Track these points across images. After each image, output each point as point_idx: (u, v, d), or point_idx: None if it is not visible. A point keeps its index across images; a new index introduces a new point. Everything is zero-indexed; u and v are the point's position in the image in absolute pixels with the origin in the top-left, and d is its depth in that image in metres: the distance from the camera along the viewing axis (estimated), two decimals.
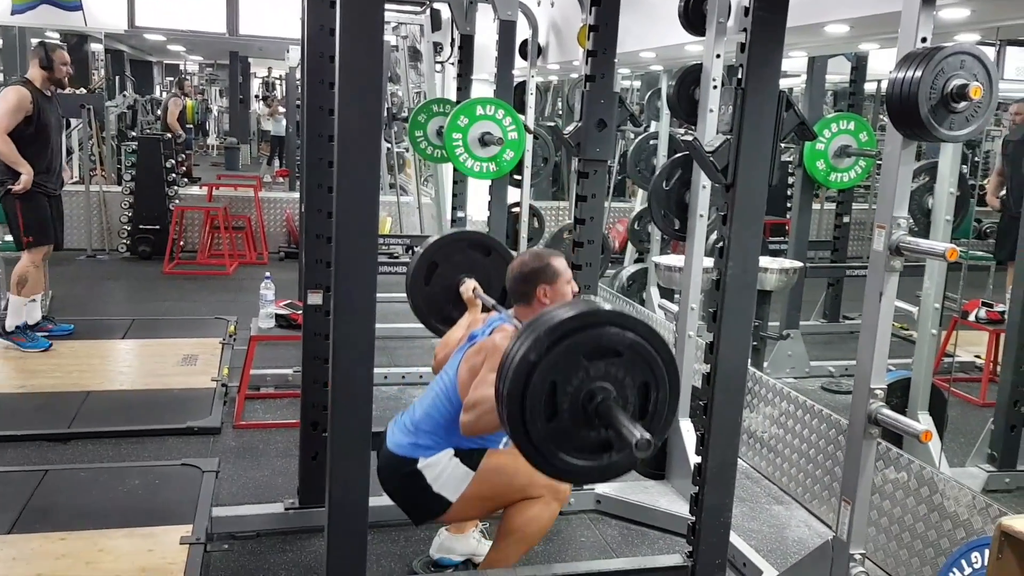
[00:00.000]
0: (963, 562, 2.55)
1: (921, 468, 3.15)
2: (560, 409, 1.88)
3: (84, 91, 10.54)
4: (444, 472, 2.74)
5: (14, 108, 5.21)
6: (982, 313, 5.20)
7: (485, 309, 3.22)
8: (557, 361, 1.87)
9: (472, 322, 3.15)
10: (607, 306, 1.98)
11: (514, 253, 3.39)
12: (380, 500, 3.43)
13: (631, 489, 3.69)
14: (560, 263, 2.90)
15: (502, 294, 3.19)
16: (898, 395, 3.86)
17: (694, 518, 2.64)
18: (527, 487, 2.72)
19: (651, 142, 6.16)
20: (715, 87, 3.54)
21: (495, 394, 1.94)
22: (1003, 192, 6.38)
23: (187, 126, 14.37)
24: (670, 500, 3.61)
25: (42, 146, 5.38)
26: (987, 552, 2.07)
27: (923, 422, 3.78)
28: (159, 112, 13.01)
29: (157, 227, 8.58)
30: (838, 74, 6.57)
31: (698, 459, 2.62)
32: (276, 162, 15.62)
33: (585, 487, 3.62)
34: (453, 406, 2.74)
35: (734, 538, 3.21)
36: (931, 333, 3.87)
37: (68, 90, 8.79)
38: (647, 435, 1.77)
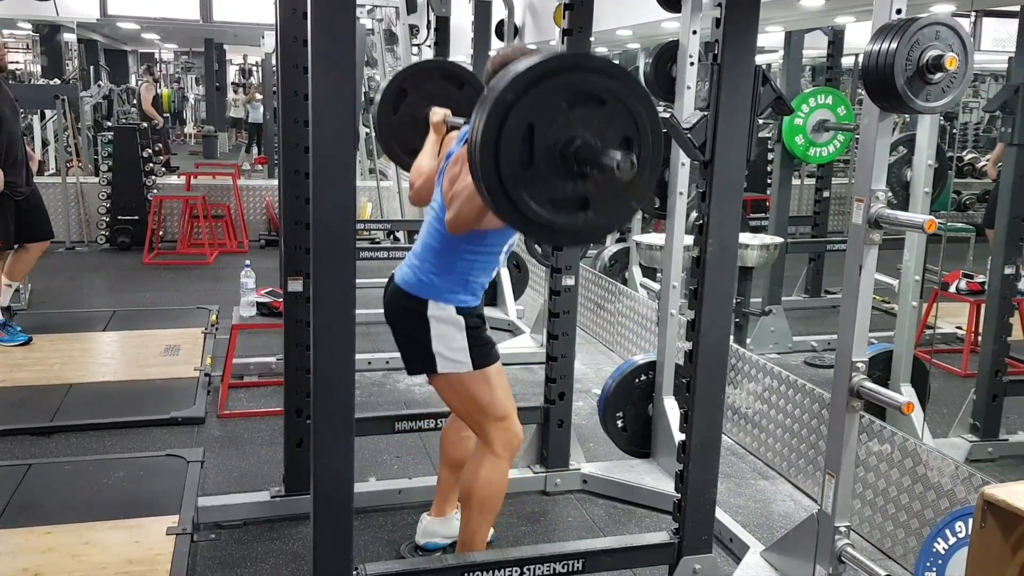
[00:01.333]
0: (947, 532, 2.58)
1: (904, 440, 3.17)
2: (536, 155, 1.79)
3: (58, 82, 10.44)
4: (446, 335, 2.70)
5: None
6: (962, 284, 5.23)
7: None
8: (536, 102, 1.76)
9: (446, 141, 3.02)
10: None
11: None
12: (365, 486, 3.44)
13: (617, 468, 3.71)
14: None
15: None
16: (880, 368, 3.88)
17: (680, 495, 2.65)
18: (487, 408, 2.73)
19: None
20: (692, 64, 3.53)
21: (467, 147, 1.83)
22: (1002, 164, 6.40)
23: (164, 114, 14.26)
24: (656, 478, 3.63)
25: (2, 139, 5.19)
26: (971, 521, 2.08)
27: (905, 394, 3.81)
28: (135, 101, 12.89)
29: (136, 217, 8.51)
30: (815, 49, 6.56)
31: (682, 436, 2.63)
32: (255, 150, 15.51)
33: (570, 466, 3.63)
34: (445, 227, 2.69)
35: (720, 514, 3.23)
36: (912, 305, 3.89)
37: (41, 80, 8.71)
38: (630, 156, 1.69)
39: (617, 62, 1.90)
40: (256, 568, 3.04)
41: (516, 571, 2.54)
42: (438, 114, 3.08)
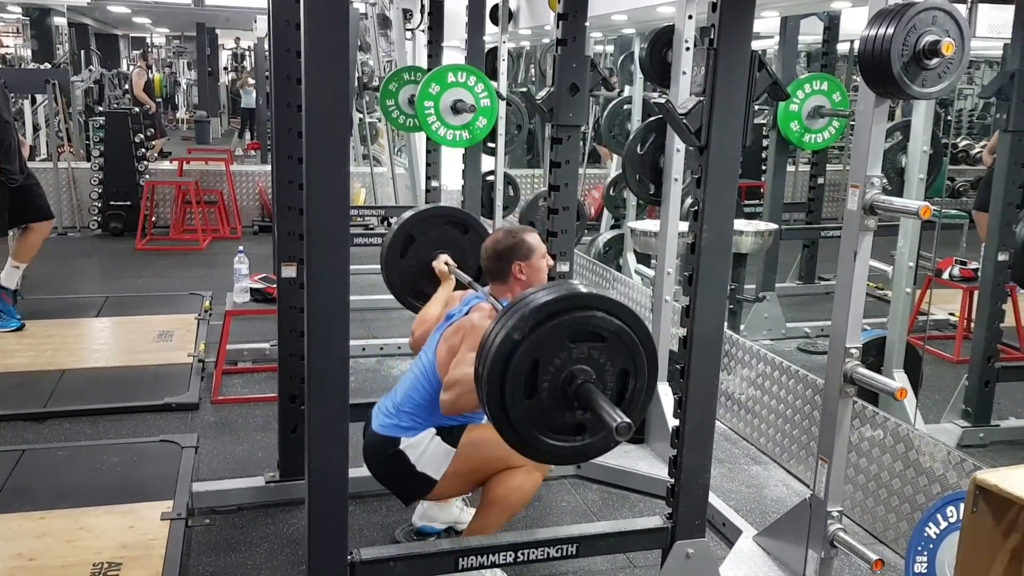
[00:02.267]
0: (939, 516, 2.59)
1: (897, 425, 3.18)
2: (539, 389, 1.90)
3: (48, 66, 10.37)
4: (426, 451, 2.74)
5: None
6: (956, 271, 5.24)
7: (460, 286, 3.21)
8: (541, 340, 1.88)
9: (449, 300, 3.14)
10: (590, 290, 1.98)
11: (490, 230, 3.36)
12: (360, 471, 3.43)
13: (611, 453, 3.69)
14: (533, 238, 2.90)
15: (477, 271, 3.17)
16: (873, 354, 3.89)
17: (673, 480, 2.65)
18: (508, 458, 2.73)
19: (625, 107, 6.13)
20: (687, 48, 3.52)
21: (475, 373, 1.94)
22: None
23: (156, 99, 14.17)
24: (649, 463, 3.64)
25: None
26: (962, 506, 2.09)
27: (898, 380, 3.82)
28: (126, 86, 12.81)
29: (128, 203, 8.46)
30: (811, 35, 6.55)
31: (676, 422, 2.63)
32: (247, 135, 15.45)
33: None
34: (432, 387, 2.74)
35: (713, 499, 3.24)
36: (906, 292, 3.90)
37: (32, 65, 8.65)
38: (626, 419, 1.79)
39: (611, 303, 2.01)
40: (251, 553, 3.05)
41: (510, 555, 2.54)
42: (441, 263, 3.28)
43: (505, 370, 1.87)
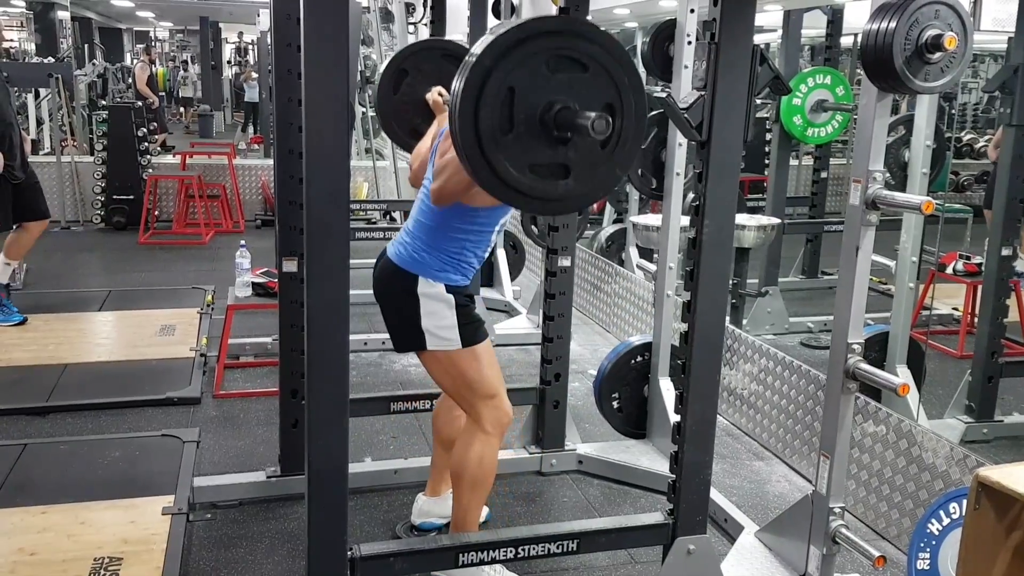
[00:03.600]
0: (941, 513, 2.58)
1: (899, 421, 3.17)
2: (517, 121, 1.77)
3: (52, 60, 10.38)
4: (435, 312, 2.70)
5: None
6: (959, 265, 5.23)
7: None
8: (516, 65, 1.74)
9: (439, 121, 3.03)
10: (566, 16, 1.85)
11: None
12: (362, 467, 3.44)
13: (612, 449, 3.71)
14: None
15: None
16: (876, 349, 3.88)
17: (675, 476, 2.64)
18: (476, 386, 2.73)
19: None
20: (689, 43, 3.50)
21: (449, 118, 1.82)
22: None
23: (159, 93, 14.16)
24: (651, 459, 3.63)
25: None
26: (965, 503, 2.09)
27: (901, 375, 3.81)
28: (130, 80, 12.82)
29: (131, 197, 8.47)
30: (814, 28, 6.53)
31: (678, 418, 2.63)
32: (251, 129, 15.45)
33: (566, 447, 3.64)
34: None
35: (715, 494, 3.23)
36: (909, 286, 3.89)
37: (35, 59, 8.64)
38: (604, 116, 1.69)
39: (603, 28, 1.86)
40: (251, 547, 3.04)
41: (511, 551, 2.54)
42: (435, 93, 3.09)
43: (479, 100, 1.72)
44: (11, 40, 13.45)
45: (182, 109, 19.36)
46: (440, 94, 3.08)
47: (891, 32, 2.20)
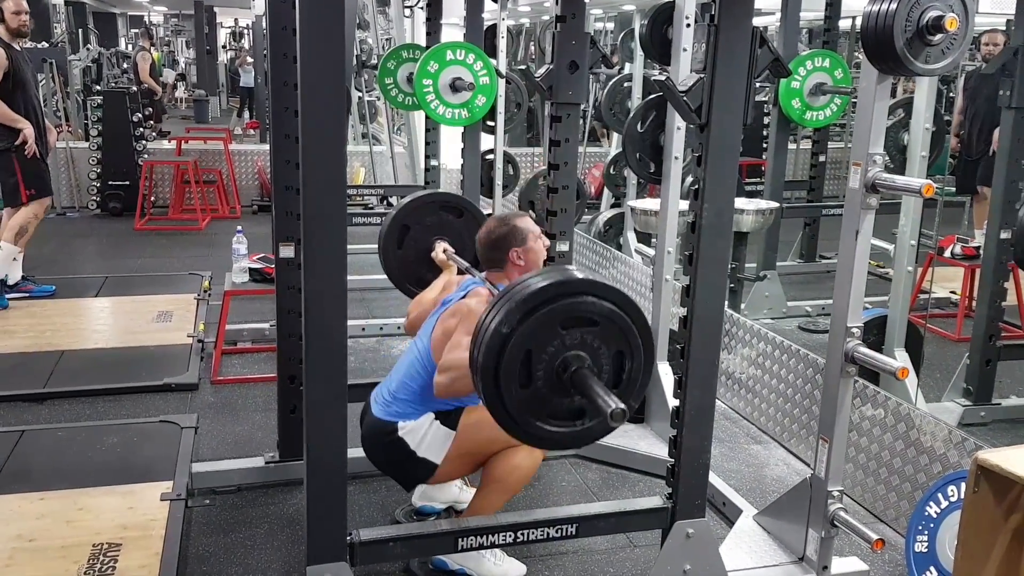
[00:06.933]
0: (940, 495, 2.59)
1: (898, 404, 3.17)
2: (534, 377, 1.90)
3: (45, 45, 10.32)
4: (426, 436, 2.72)
5: None
6: (957, 249, 5.23)
7: (459, 272, 3.19)
8: (532, 330, 1.87)
9: (446, 284, 3.12)
10: (579, 274, 1.97)
11: (490, 209, 3.34)
12: (360, 451, 3.43)
13: (611, 433, 3.70)
14: (526, 223, 2.89)
15: (475, 256, 3.15)
16: (875, 333, 3.88)
17: (673, 460, 2.64)
18: (509, 438, 2.72)
19: (625, 84, 6.09)
20: (688, 25, 3.48)
21: (469, 362, 1.93)
22: (962, 132, 6.35)
23: (160, 80, 14.09)
24: (650, 443, 3.63)
25: (24, 103, 5.34)
26: (963, 485, 2.09)
27: (899, 359, 3.81)
28: (128, 69, 12.73)
29: (127, 183, 8.44)
30: (813, 11, 6.50)
31: (676, 402, 2.62)
32: (247, 114, 15.39)
33: None
34: (428, 373, 2.72)
35: (713, 478, 3.24)
36: (907, 270, 3.88)
37: (29, 44, 8.56)
38: (621, 405, 1.78)
39: (607, 285, 2.03)
40: (250, 533, 3.05)
41: (510, 536, 2.54)
42: (440, 251, 3.25)
43: (499, 363, 1.87)
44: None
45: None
46: (445, 251, 3.23)
47: (892, 14, 2.19)
